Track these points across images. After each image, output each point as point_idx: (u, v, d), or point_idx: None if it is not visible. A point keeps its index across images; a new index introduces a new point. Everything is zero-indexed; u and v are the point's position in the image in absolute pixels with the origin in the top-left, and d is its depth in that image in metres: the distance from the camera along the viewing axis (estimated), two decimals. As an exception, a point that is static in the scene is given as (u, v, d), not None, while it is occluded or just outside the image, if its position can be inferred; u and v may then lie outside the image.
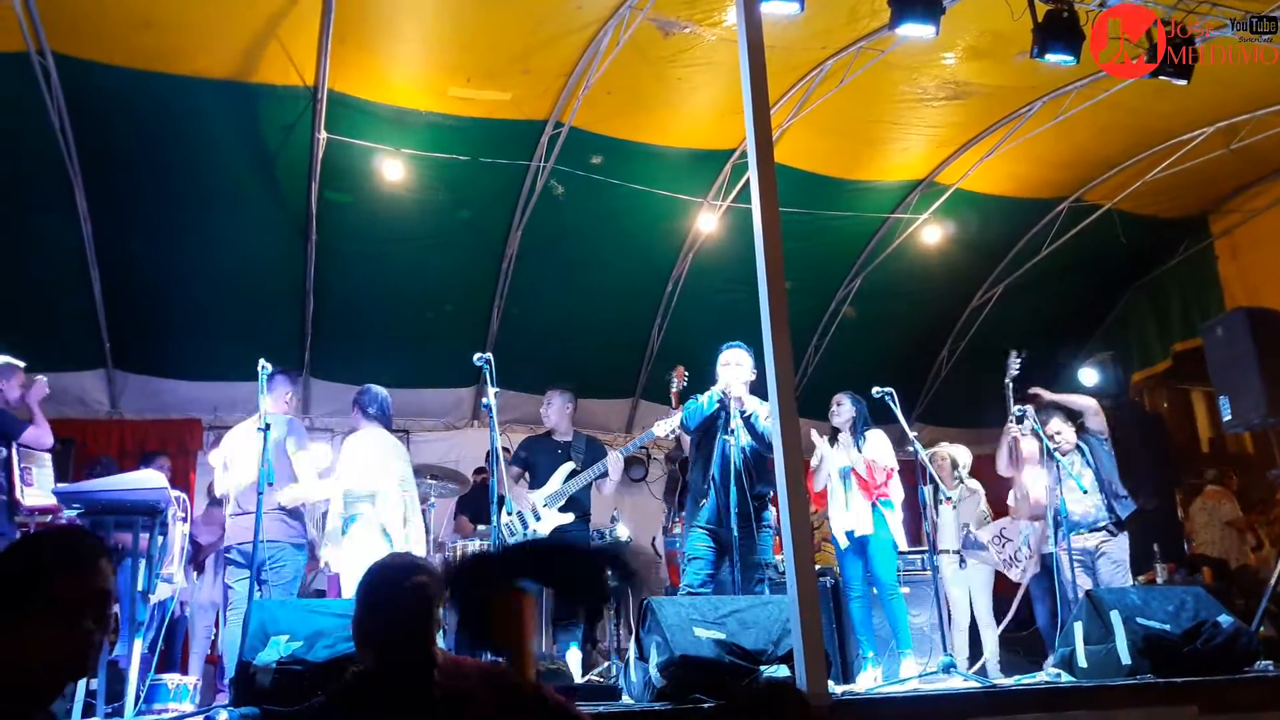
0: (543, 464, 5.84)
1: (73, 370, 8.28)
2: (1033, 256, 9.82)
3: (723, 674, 3.83)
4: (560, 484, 5.65)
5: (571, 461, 5.73)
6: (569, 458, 5.76)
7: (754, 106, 3.97)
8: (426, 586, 2.28)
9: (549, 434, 6.04)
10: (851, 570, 5.90)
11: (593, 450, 5.81)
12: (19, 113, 6.65)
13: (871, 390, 5.95)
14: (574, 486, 5.64)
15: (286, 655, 3.78)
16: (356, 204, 7.85)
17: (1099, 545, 5.98)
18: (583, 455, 5.78)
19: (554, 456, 5.79)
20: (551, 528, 5.58)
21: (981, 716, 3.85)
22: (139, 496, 4.80)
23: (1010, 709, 3.89)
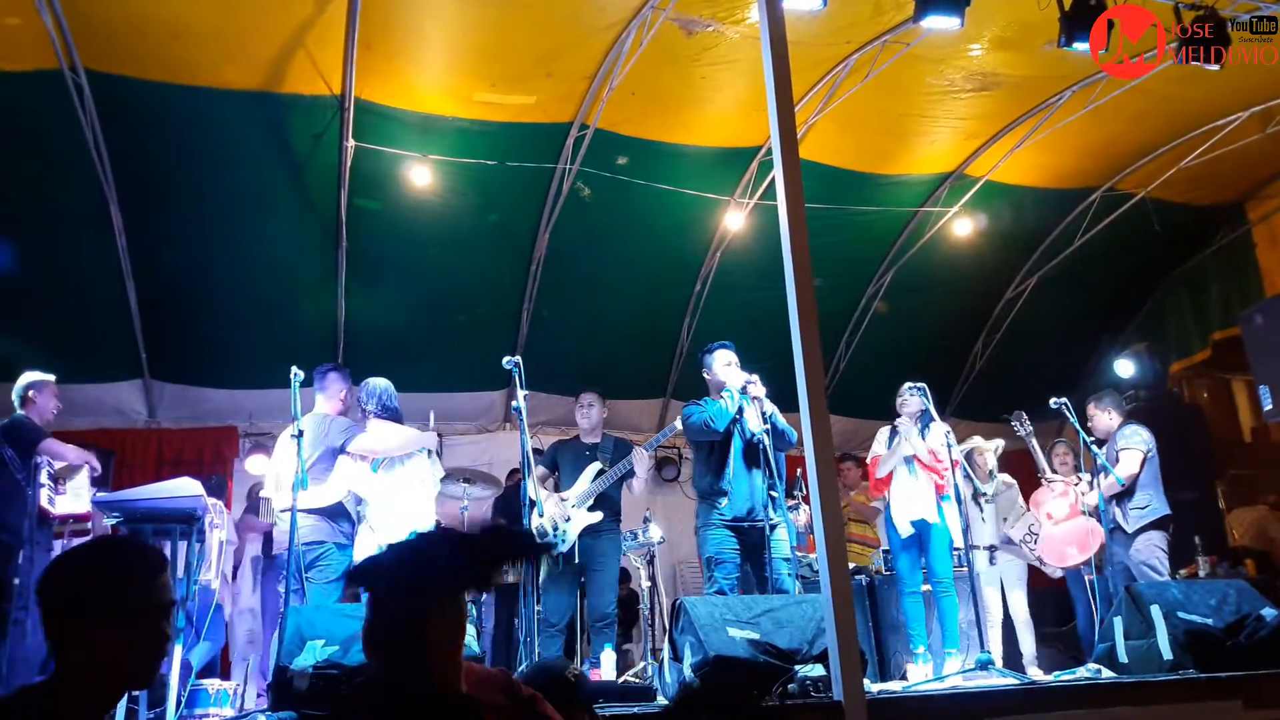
0: (569, 465, 5.84)
1: (110, 381, 8.42)
2: (1066, 247, 9.70)
3: (757, 674, 3.82)
4: (588, 484, 5.66)
5: (598, 461, 5.73)
6: (596, 458, 5.77)
7: (778, 103, 3.95)
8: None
9: (577, 436, 6.06)
10: (910, 565, 5.85)
11: (620, 450, 5.82)
12: (54, 129, 6.77)
13: (904, 385, 5.92)
14: (601, 485, 5.65)
15: (323, 660, 3.81)
16: (386, 210, 7.91)
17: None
18: (609, 455, 5.78)
19: (581, 458, 5.79)
20: (581, 527, 5.59)
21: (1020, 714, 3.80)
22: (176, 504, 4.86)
23: (1049, 706, 3.83)
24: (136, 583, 1.87)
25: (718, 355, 5.41)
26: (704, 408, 5.24)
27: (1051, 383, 7.30)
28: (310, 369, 5.32)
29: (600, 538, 5.64)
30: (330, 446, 5.26)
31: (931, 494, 5.84)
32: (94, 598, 1.83)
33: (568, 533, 5.55)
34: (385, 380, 5.71)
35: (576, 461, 5.79)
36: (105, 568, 1.88)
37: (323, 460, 5.24)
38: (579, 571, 5.65)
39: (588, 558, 5.58)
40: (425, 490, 5.65)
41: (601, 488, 5.65)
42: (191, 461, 8.09)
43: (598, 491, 5.65)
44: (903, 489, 5.90)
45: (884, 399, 6.43)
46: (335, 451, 5.27)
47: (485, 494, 7.18)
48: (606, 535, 5.69)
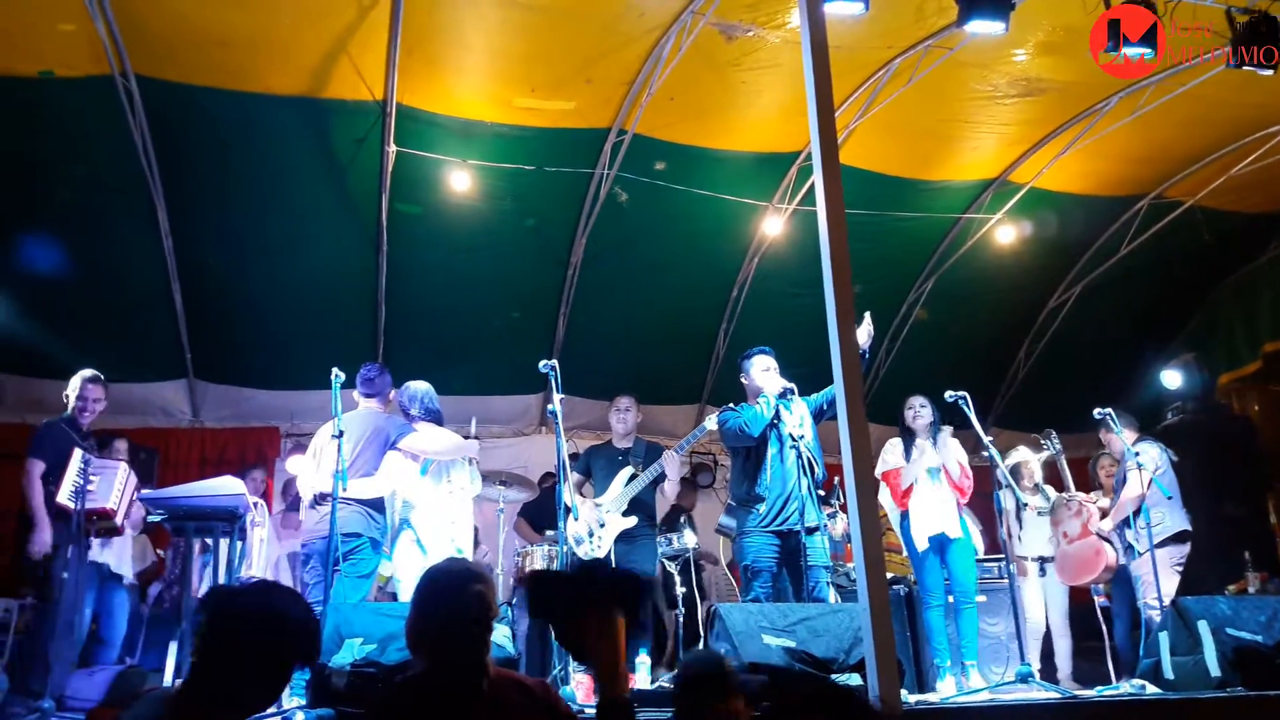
0: (602, 470, 5.84)
1: (156, 381, 8.57)
2: (1111, 256, 9.55)
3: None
4: (621, 489, 5.66)
5: (630, 466, 5.73)
6: (628, 463, 5.76)
7: (818, 108, 3.93)
8: (485, 595, 2.31)
9: (609, 441, 6.06)
10: (932, 576, 5.78)
11: (651, 453, 5.81)
12: (104, 133, 6.92)
13: (945, 394, 5.84)
14: (634, 489, 5.64)
15: (360, 658, 3.85)
16: (426, 215, 7.98)
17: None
18: (641, 459, 5.77)
19: (614, 463, 5.79)
20: (616, 532, 5.58)
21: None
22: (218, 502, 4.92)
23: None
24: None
25: (756, 361, 5.38)
26: (739, 413, 5.22)
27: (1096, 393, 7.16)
28: (351, 371, 5.35)
29: (635, 543, 5.63)
30: (382, 440, 5.27)
31: (953, 507, 5.75)
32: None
33: (602, 539, 5.55)
34: (426, 384, 5.76)
35: (609, 467, 5.79)
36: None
37: (373, 452, 5.24)
38: None
39: (622, 562, 5.57)
40: (467, 498, 5.69)
41: (634, 492, 5.64)
42: (234, 460, 8.19)
43: (630, 496, 5.64)
44: (923, 502, 5.81)
45: (924, 407, 6.34)
46: (386, 446, 5.27)
47: (521, 497, 7.21)
48: (641, 540, 5.67)
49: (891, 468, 6.00)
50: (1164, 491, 6.04)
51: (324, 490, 4.93)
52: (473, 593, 2.29)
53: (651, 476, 5.64)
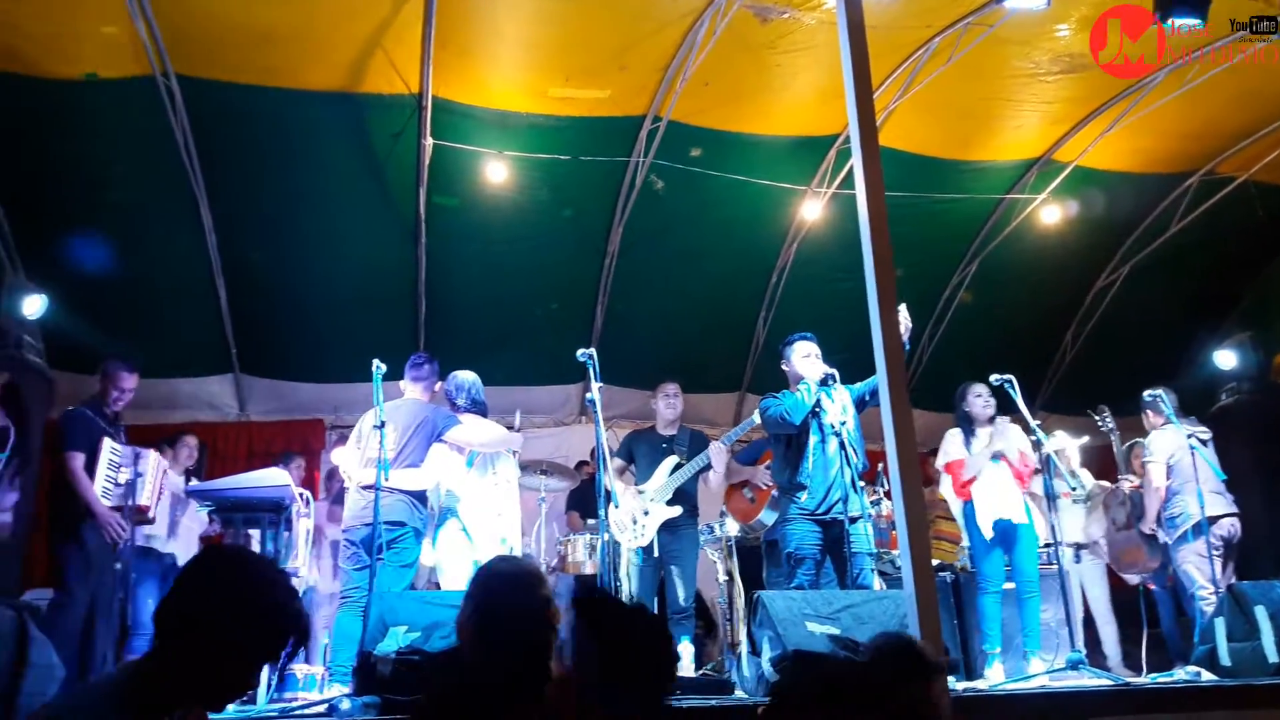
0: (645, 457, 5.80)
1: (203, 376, 8.72)
2: (1161, 234, 9.36)
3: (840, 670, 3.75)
4: (665, 478, 5.63)
5: (675, 455, 5.69)
6: (672, 451, 5.72)
7: (856, 89, 3.87)
8: (551, 601, 2.28)
9: (652, 427, 6.01)
10: (994, 564, 5.70)
11: (696, 443, 5.75)
12: (147, 133, 7.02)
13: (990, 378, 5.75)
14: (679, 479, 5.60)
15: (405, 646, 3.87)
16: (463, 207, 8.01)
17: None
18: (686, 449, 5.72)
19: (657, 450, 5.75)
20: (659, 521, 5.56)
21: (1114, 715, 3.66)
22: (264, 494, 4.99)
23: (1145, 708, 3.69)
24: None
25: (797, 347, 5.32)
26: (780, 400, 5.17)
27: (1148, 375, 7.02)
28: (392, 363, 5.36)
29: (678, 533, 5.61)
30: (428, 431, 5.26)
31: (1017, 493, 5.68)
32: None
33: (646, 528, 5.53)
34: (473, 374, 5.76)
35: (652, 454, 5.75)
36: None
37: (419, 443, 5.23)
38: (658, 566, 5.63)
39: (666, 552, 5.55)
40: (513, 490, 5.70)
41: (679, 482, 5.61)
42: (280, 453, 8.29)
43: (675, 485, 5.61)
44: (987, 489, 5.74)
45: (969, 391, 6.26)
46: (432, 437, 5.27)
47: (562, 485, 7.22)
48: (685, 530, 5.65)
49: (954, 459, 5.92)
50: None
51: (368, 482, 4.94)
52: (540, 599, 2.26)
53: (697, 467, 5.59)
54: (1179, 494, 5.99)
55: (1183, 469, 5.99)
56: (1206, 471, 5.95)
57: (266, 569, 1.99)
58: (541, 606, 2.25)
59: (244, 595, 1.85)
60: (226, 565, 1.96)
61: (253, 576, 1.91)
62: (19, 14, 6.08)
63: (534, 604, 2.24)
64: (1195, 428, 6.14)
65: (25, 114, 6.80)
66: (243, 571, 1.92)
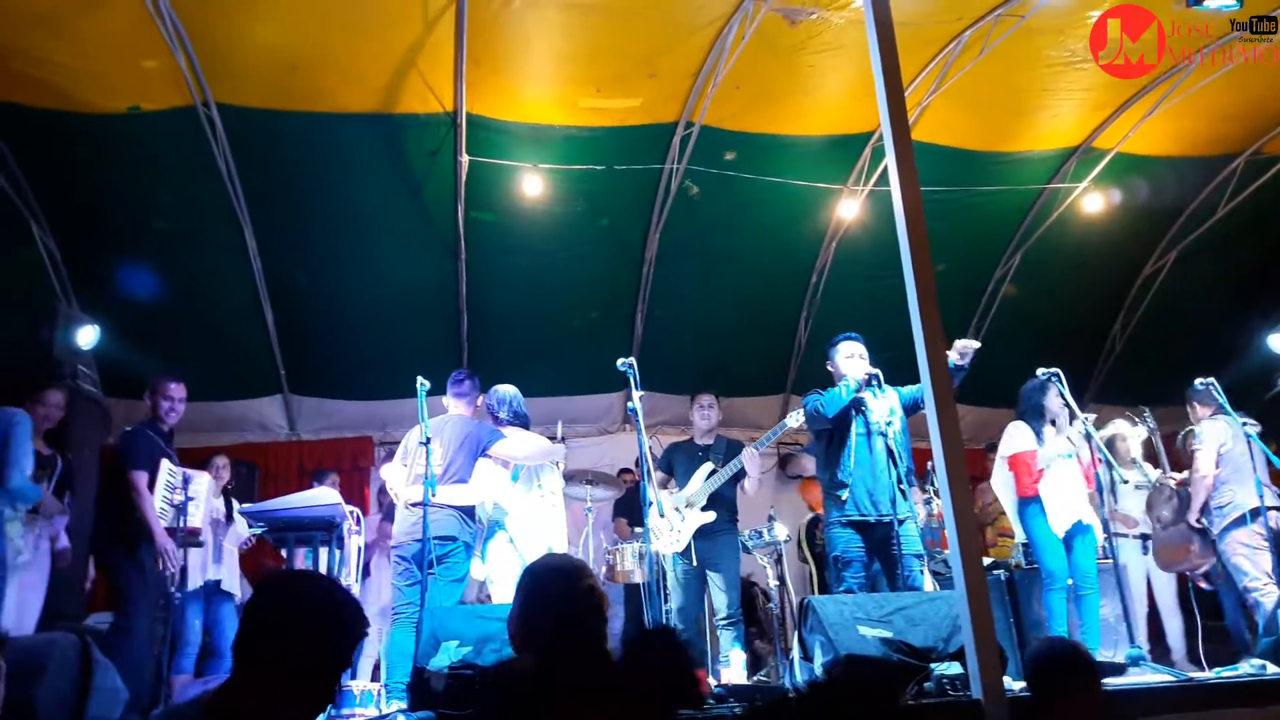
0: (683, 466, 5.84)
1: (253, 398, 8.87)
2: (1207, 218, 9.18)
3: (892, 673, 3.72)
4: (700, 484, 5.65)
5: (710, 462, 5.71)
6: (708, 459, 5.74)
7: (886, 86, 3.84)
8: (595, 586, 2.31)
9: (690, 438, 6.05)
10: (1060, 561, 5.60)
11: (731, 450, 5.78)
12: (190, 162, 7.18)
13: (1037, 371, 5.67)
14: (713, 485, 5.62)
15: (457, 660, 3.89)
16: (500, 221, 8.08)
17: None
18: (721, 456, 5.75)
19: (694, 459, 5.79)
20: (694, 527, 5.58)
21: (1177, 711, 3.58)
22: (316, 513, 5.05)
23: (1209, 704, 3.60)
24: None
25: (841, 347, 5.30)
26: (820, 395, 5.17)
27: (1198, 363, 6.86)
28: (436, 379, 5.42)
29: (716, 538, 5.61)
30: (473, 446, 5.31)
31: (1085, 492, 5.59)
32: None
33: (682, 533, 5.55)
34: (513, 387, 5.81)
35: (690, 463, 5.78)
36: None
37: (464, 458, 5.28)
38: (699, 572, 5.64)
39: (705, 558, 5.56)
40: (559, 501, 5.74)
41: (713, 488, 5.63)
42: (328, 469, 8.41)
43: (710, 491, 5.63)
44: (1060, 488, 5.63)
45: (1016, 387, 6.17)
46: (477, 452, 5.32)
47: (607, 495, 7.24)
48: (722, 535, 5.65)
49: (1022, 450, 5.77)
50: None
51: (415, 499, 4.99)
52: (584, 587, 2.29)
53: (731, 473, 5.61)
54: (1227, 483, 5.86)
55: (1234, 458, 5.86)
56: (1262, 460, 5.81)
57: (322, 582, 2.06)
58: (586, 594, 2.27)
59: (310, 610, 1.92)
60: (288, 587, 2.02)
61: (313, 592, 1.98)
62: (64, 52, 6.26)
63: (579, 593, 2.27)
64: (1246, 420, 5.99)
65: (73, 149, 7.00)
66: (303, 590, 1.99)
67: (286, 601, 1.95)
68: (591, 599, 2.27)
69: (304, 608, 1.93)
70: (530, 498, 5.61)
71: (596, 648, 2.24)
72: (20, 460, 4.74)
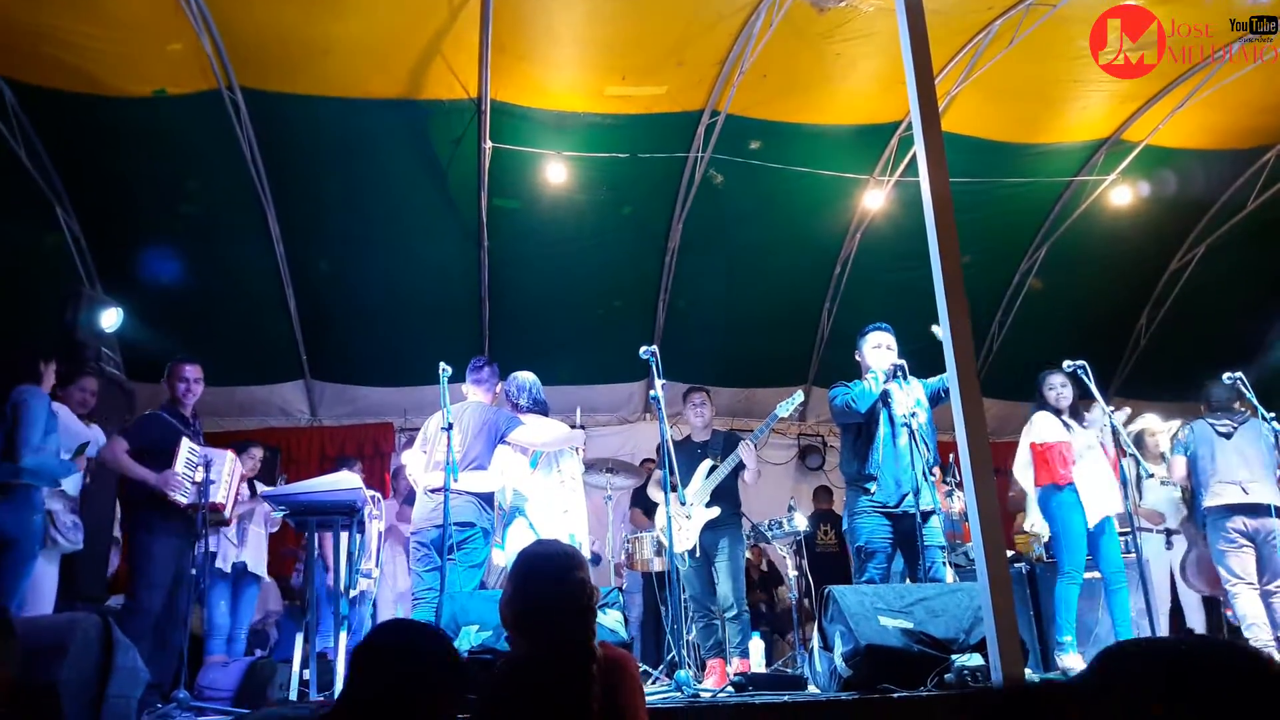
0: (683, 466, 5.84)
1: (275, 383, 8.93)
2: (1237, 212, 9.07)
3: (912, 663, 3.71)
4: (702, 481, 5.66)
5: (709, 459, 5.71)
6: (706, 456, 5.74)
7: (916, 74, 3.79)
8: (586, 580, 2.33)
9: (688, 438, 6.03)
10: (1083, 553, 5.54)
11: (729, 444, 5.78)
12: (215, 146, 7.22)
13: (1062, 364, 5.61)
14: (714, 481, 5.63)
15: (477, 645, 3.92)
16: (523, 209, 8.08)
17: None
18: (719, 451, 5.75)
19: (694, 457, 5.79)
20: (700, 524, 5.60)
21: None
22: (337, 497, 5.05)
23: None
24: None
25: (869, 337, 5.24)
26: (849, 389, 5.12)
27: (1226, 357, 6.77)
28: (457, 365, 5.43)
29: (719, 530, 5.62)
30: (492, 433, 5.32)
31: (1114, 484, 5.52)
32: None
33: (689, 531, 5.56)
34: (532, 375, 5.82)
35: (690, 462, 5.78)
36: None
37: (483, 445, 5.28)
38: (706, 565, 5.65)
39: (710, 550, 5.57)
40: (579, 486, 5.75)
41: (715, 483, 5.64)
42: (352, 456, 8.45)
43: (712, 488, 5.63)
44: (1093, 479, 5.57)
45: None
46: (496, 439, 5.33)
47: (627, 483, 7.24)
48: (725, 527, 5.65)
49: (1051, 440, 5.64)
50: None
51: (436, 485, 5.01)
52: (575, 580, 2.31)
53: (730, 467, 5.62)
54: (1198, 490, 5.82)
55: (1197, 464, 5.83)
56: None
57: (432, 639, 2.16)
58: (577, 587, 2.30)
59: (426, 664, 2.03)
60: (397, 641, 2.11)
61: (421, 649, 2.08)
62: (91, 35, 6.29)
63: (568, 585, 2.29)
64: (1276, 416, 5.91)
65: (99, 132, 7.05)
66: (412, 645, 2.08)
67: (404, 651, 2.04)
68: (581, 592, 2.30)
69: (420, 659, 2.02)
70: (549, 483, 5.62)
71: (581, 639, 2.26)
72: (31, 438, 4.66)
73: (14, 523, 4.58)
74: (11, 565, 4.56)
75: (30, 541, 4.65)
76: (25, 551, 4.62)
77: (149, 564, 5.02)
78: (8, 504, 4.59)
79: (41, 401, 4.82)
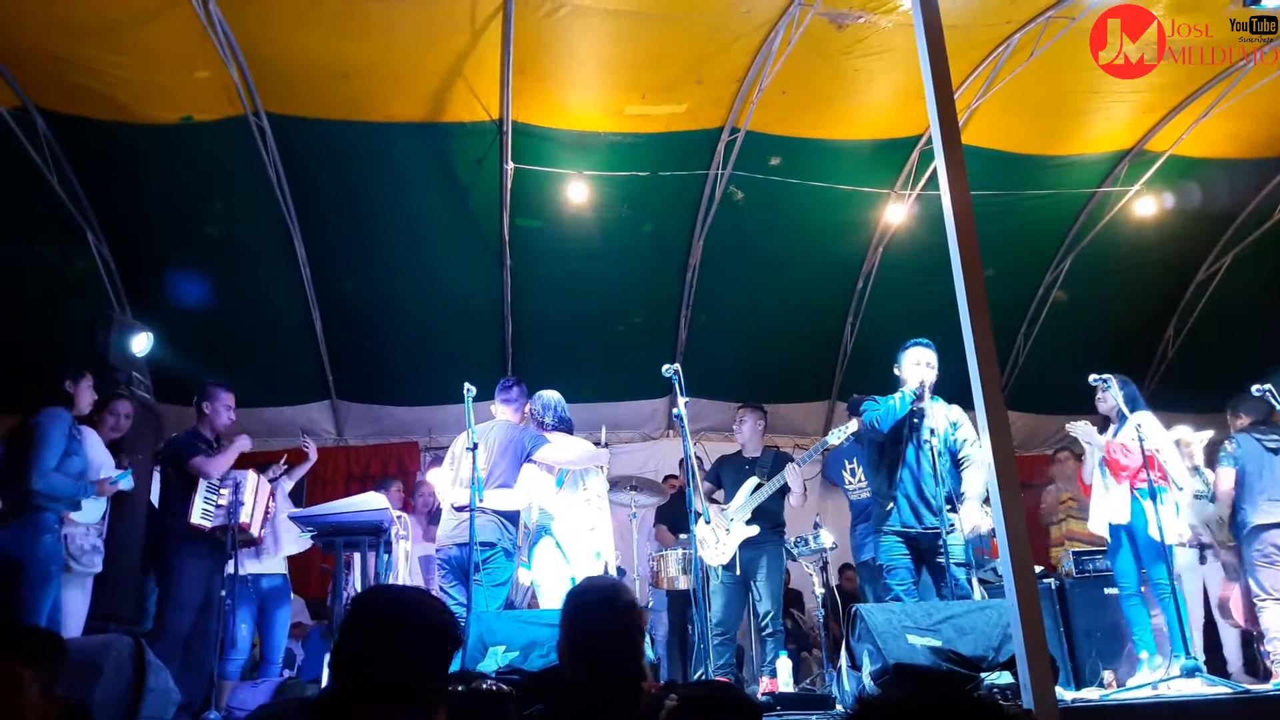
0: (730, 479, 5.86)
1: (301, 403, 9.00)
2: (1263, 222, 8.99)
3: (941, 682, 3.68)
4: (745, 498, 5.66)
5: (756, 476, 5.71)
6: (754, 473, 5.75)
7: (936, 89, 3.80)
8: (635, 606, 2.39)
9: (739, 452, 6.06)
10: (1123, 566, 5.50)
11: (778, 463, 5.80)
12: (241, 171, 7.32)
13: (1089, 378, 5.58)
14: (758, 499, 5.63)
15: (504, 665, 3.93)
16: (545, 228, 8.12)
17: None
18: (767, 469, 5.77)
19: (741, 472, 5.81)
20: (739, 540, 5.59)
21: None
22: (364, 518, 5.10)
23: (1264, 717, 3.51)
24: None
25: (909, 353, 5.17)
26: (877, 406, 5.10)
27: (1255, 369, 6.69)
28: (482, 384, 5.46)
29: (759, 549, 5.61)
30: (517, 451, 5.34)
31: (1125, 495, 5.46)
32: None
33: (726, 545, 5.55)
34: (557, 393, 5.85)
35: (737, 476, 5.80)
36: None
37: (509, 464, 5.31)
38: (743, 582, 5.63)
39: (748, 568, 5.55)
40: (603, 505, 5.76)
41: (757, 502, 5.64)
42: (378, 476, 8.50)
43: (754, 505, 5.62)
44: (1099, 491, 5.54)
45: (1066, 393, 6.08)
46: (521, 457, 5.36)
47: (651, 501, 7.23)
48: (765, 546, 5.65)
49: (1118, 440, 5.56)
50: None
51: (461, 502, 5.03)
52: (624, 603, 2.37)
53: (775, 487, 5.62)
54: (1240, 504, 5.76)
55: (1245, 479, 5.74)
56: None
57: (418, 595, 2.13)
58: (625, 614, 2.35)
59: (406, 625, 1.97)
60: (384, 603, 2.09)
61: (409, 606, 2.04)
62: (120, 65, 6.41)
63: (618, 617, 2.34)
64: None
65: (128, 160, 7.17)
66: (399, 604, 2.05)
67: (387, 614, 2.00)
68: (631, 616, 2.36)
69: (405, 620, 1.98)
70: (575, 501, 5.63)
71: (637, 663, 2.33)
72: (43, 461, 4.71)
73: (21, 545, 4.62)
74: (26, 588, 4.59)
75: (42, 564, 4.66)
76: (38, 575, 4.64)
77: (178, 586, 5.07)
78: (15, 526, 4.64)
79: (58, 425, 4.86)
